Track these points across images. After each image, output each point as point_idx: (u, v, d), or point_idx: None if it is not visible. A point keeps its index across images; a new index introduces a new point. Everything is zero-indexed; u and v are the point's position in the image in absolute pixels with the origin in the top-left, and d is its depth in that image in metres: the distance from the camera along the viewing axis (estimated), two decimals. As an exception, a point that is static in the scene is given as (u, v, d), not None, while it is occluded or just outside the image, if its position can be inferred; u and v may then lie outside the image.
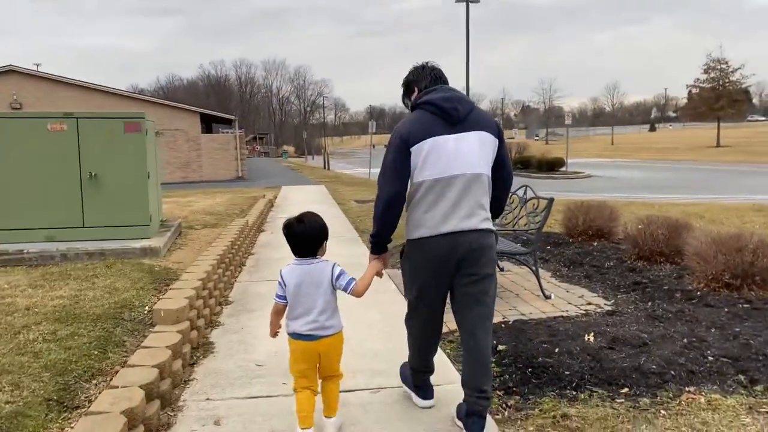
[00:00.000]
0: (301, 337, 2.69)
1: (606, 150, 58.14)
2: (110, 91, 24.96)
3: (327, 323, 2.69)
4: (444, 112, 2.76)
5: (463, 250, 2.71)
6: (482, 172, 2.78)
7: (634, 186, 22.69)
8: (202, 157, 26.29)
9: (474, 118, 2.81)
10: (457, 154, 2.73)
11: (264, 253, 8.03)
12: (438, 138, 2.73)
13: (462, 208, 2.73)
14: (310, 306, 2.68)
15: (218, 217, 10.45)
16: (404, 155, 2.76)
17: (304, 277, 2.71)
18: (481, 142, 2.78)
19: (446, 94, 2.81)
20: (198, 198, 16.00)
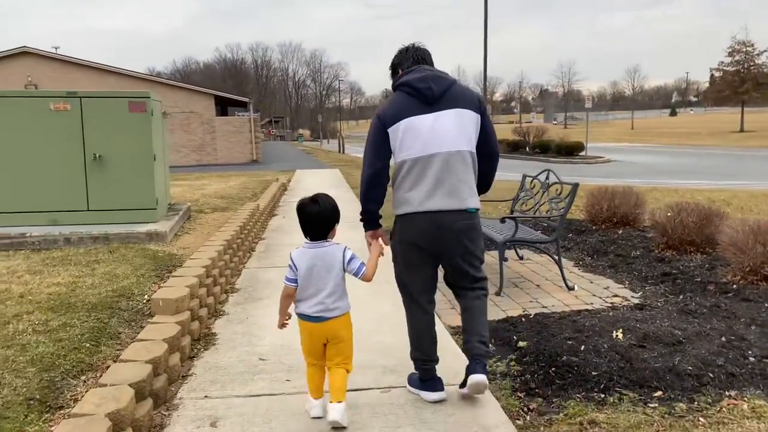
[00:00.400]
0: (309, 318, 2.69)
1: (626, 134, 57.11)
2: (124, 73, 24.80)
3: (333, 305, 2.68)
4: (419, 92, 2.80)
5: (447, 229, 2.77)
6: (462, 149, 2.80)
7: (655, 171, 22.13)
8: (217, 140, 26.12)
9: (452, 96, 2.82)
10: (433, 132, 2.76)
11: (275, 237, 7.80)
12: (413, 118, 2.78)
13: (444, 186, 2.76)
14: (320, 288, 2.67)
15: (229, 201, 10.24)
16: (382, 136, 2.83)
17: (316, 260, 2.69)
18: (459, 120, 2.80)
19: (421, 74, 2.83)
20: (211, 181, 15.83)
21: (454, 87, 2.85)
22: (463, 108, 2.82)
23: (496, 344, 3.79)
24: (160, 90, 24.78)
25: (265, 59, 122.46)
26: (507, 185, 14.26)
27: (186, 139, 25.66)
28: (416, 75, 2.85)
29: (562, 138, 30.25)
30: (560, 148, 29.41)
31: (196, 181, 15.64)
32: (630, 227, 6.80)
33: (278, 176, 17.29)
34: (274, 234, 8.08)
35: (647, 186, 15.05)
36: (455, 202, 2.78)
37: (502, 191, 12.91)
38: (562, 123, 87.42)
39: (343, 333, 2.72)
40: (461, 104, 2.83)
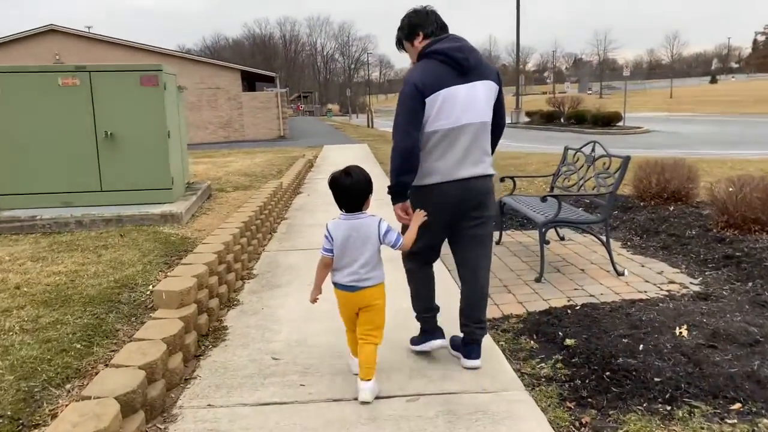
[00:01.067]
0: (344, 287, 2.74)
1: (664, 103, 55.07)
2: (151, 49, 24.56)
3: (367, 275, 2.70)
4: (456, 62, 2.78)
5: (473, 195, 2.85)
6: (488, 120, 2.89)
7: (697, 141, 21.09)
8: (244, 116, 25.81)
9: (480, 68, 2.85)
10: (468, 103, 2.79)
11: (298, 217, 7.42)
12: (451, 89, 2.77)
13: (472, 154, 2.84)
14: (354, 258, 2.70)
15: (253, 179, 9.89)
16: (420, 105, 2.76)
17: (351, 231, 2.70)
18: (487, 91, 2.86)
19: (457, 44, 2.81)
20: (237, 158, 15.54)
21: (481, 58, 2.88)
22: (488, 80, 2.87)
23: (539, 341, 3.33)
24: (186, 66, 24.58)
25: (293, 34, 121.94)
26: (542, 158, 13.58)
27: (213, 116, 25.42)
28: (452, 44, 2.81)
29: (598, 108, 29.10)
30: (597, 118, 28.32)
31: (221, 159, 15.37)
32: (682, 203, 6.20)
33: (305, 152, 16.91)
34: (297, 213, 7.70)
35: (692, 157, 14.23)
36: (480, 169, 2.87)
37: (537, 165, 12.30)
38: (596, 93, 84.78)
39: (375, 302, 2.74)
40: (487, 76, 2.87)
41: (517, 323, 3.61)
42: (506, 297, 4.12)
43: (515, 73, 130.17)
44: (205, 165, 12.79)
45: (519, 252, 5.33)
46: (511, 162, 12.88)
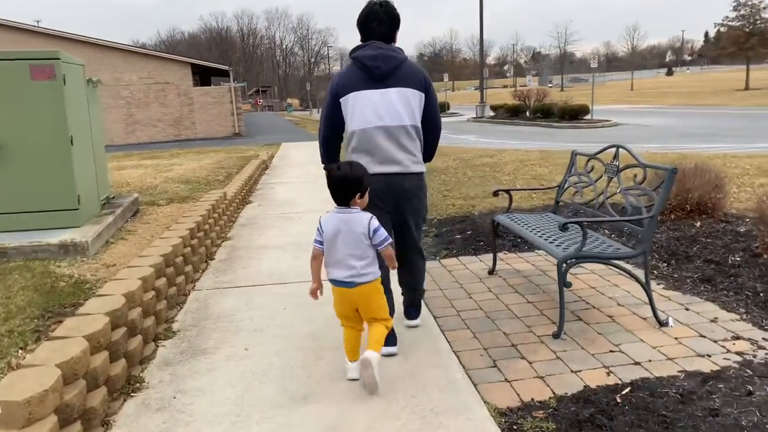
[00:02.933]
0: (340, 284, 2.74)
1: (626, 96, 55.14)
2: (87, 41, 22.64)
3: (363, 270, 2.71)
4: (368, 69, 3.01)
5: (396, 189, 3.08)
6: (405, 123, 3.05)
7: (670, 134, 20.48)
8: (195, 113, 24.17)
9: (400, 74, 3.04)
10: (379, 107, 3.01)
11: (243, 237, 6.15)
12: (362, 92, 3.02)
13: (390, 153, 3.04)
14: (348, 253, 2.70)
15: (194, 187, 8.55)
16: (335, 105, 3.11)
17: (341, 225, 2.71)
18: (403, 97, 3.03)
19: (374, 52, 3.01)
20: (185, 159, 14.11)
21: (403, 66, 3.05)
22: (408, 87, 3.04)
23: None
24: (131, 59, 22.83)
25: (251, 27, 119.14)
26: (516, 155, 12.39)
27: (162, 113, 23.73)
28: (369, 52, 3.01)
29: (565, 101, 28.40)
30: (564, 112, 27.63)
31: (166, 160, 13.91)
32: (708, 217, 5.17)
33: (260, 152, 15.55)
34: (243, 232, 6.43)
35: (671, 152, 13.44)
36: (398, 168, 3.05)
37: (514, 165, 11.12)
38: (557, 86, 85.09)
39: (373, 298, 2.76)
40: (407, 84, 3.04)
41: (544, 420, 2.46)
42: (518, 366, 2.98)
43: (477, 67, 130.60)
44: (144, 170, 11.36)
45: (520, 286, 4.20)
46: (485, 161, 11.81)
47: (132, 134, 23.57)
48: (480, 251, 5.12)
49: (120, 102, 23.18)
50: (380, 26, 3.06)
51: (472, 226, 5.72)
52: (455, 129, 29.03)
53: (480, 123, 33.03)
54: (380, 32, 3.08)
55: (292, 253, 5.41)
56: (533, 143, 19.45)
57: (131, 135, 23.58)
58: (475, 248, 5.19)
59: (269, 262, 5.13)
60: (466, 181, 9.23)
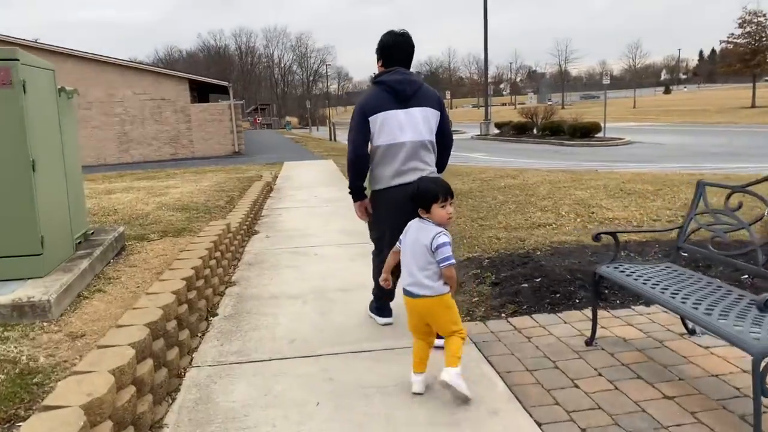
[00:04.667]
0: (405, 293, 2.82)
1: (629, 113, 54.42)
2: (81, 56, 21.63)
3: (425, 282, 2.73)
4: (396, 92, 3.43)
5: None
6: (425, 139, 3.46)
7: (691, 153, 19.52)
8: (193, 131, 23.07)
9: (420, 96, 3.47)
10: (404, 125, 3.42)
11: (252, 281, 5.02)
12: (389, 112, 3.42)
13: (410, 166, 3.42)
14: (413, 262, 2.78)
15: (192, 215, 7.43)
16: (364, 123, 3.47)
17: (418, 233, 2.81)
18: (424, 115, 3.46)
19: (399, 77, 3.44)
20: (181, 181, 13.00)
21: (422, 88, 3.50)
22: (427, 107, 3.47)
23: None
24: (127, 75, 21.83)
25: (250, 45, 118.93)
26: (543, 177, 11.00)
27: (158, 130, 22.64)
28: (396, 77, 3.44)
29: (575, 118, 27.46)
30: (575, 129, 26.70)
31: (161, 182, 12.80)
32: None
33: (262, 172, 14.45)
34: (250, 273, 5.30)
35: (706, 172, 12.41)
36: (418, 175, 3.32)
37: (546, 187, 9.80)
38: (557, 104, 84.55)
39: (439, 313, 2.76)
40: (427, 104, 3.48)
41: None
42: None
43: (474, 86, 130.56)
44: (136, 193, 10.23)
45: (639, 366, 3.07)
46: (510, 183, 10.72)
47: (126, 153, 22.46)
48: (559, 307, 4.00)
49: (113, 119, 22.10)
50: (402, 54, 3.52)
51: (538, 269, 4.61)
52: (461, 147, 28.04)
53: (485, 141, 32.09)
54: (401, 59, 3.52)
55: (315, 305, 4.29)
56: (549, 162, 18.45)
57: (125, 154, 22.47)
58: (551, 302, 4.08)
59: (287, 320, 4.00)
60: (499, 207, 8.14)
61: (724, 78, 55.43)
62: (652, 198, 8.37)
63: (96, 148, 22.04)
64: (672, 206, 7.57)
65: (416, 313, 2.80)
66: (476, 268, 4.93)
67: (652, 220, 6.75)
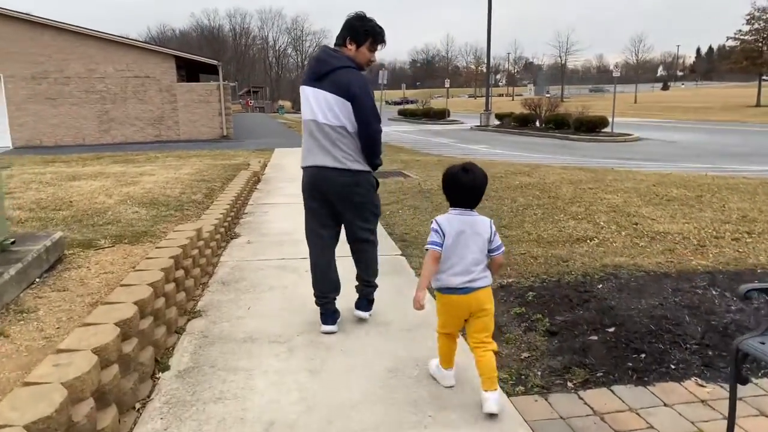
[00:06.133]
0: (455, 291, 2.56)
1: (630, 109, 53.23)
2: (56, 26, 19.99)
3: (481, 275, 2.57)
4: (310, 68, 3.40)
5: (327, 184, 3.31)
6: (330, 123, 3.27)
7: (706, 153, 18.43)
8: (179, 112, 21.65)
9: (329, 80, 3.27)
10: (311, 102, 3.32)
11: (222, 310, 3.84)
12: (304, 87, 3.38)
13: (321, 145, 3.30)
14: (463, 256, 2.56)
15: (159, 213, 6.21)
16: None
17: (465, 227, 2.59)
18: (333, 101, 3.26)
19: (318, 54, 3.41)
20: (160, 166, 11.75)
21: (337, 72, 3.26)
22: (335, 94, 3.25)
23: None
24: (107, 49, 20.40)
25: (244, 26, 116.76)
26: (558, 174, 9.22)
27: (141, 110, 21.20)
28: (316, 53, 3.43)
29: (581, 112, 26.27)
30: (580, 123, 25.52)
31: (137, 167, 11.54)
32: None
33: (250, 159, 13.21)
34: (222, 298, 4.10)
35: (731, 174, 11.31)
36: (331, 162, 3.27)
37: (568, 189, 8.03)
38: (555, 96, 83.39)
39: (488, 305, 2.60)
40: (332, 89, 3.26)
41: None
42: None
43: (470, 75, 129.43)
44: (104, 181, 8.98)
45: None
46: (525, 181, 9.55)
47: (106, 133, 21.04)
48: (648, 375, 2.85)
49: (93, 96, 20.64)
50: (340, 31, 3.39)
51: (607, 313, 3.44)
52: (461, 138, 26.84)
53: (486, 132, 30.86)
54: (338, 40, 3.40)
55: (305, 354, 3.14)
56: (557, 157, 17.30)
57: (105, 134, 21.05)
58: (635, 368, 2.92)
59: (264, 384, 2.83)
60: (523, 213, 6.99)
61: (721, 76, 54.73)
62: (698, 207, 7.25)
63: (74, 127, 20.64)
64: (728, 219, 6.44)
65: (466, 308, 2.59)
66: (518, 304, 3.77)
67: (713, 236, 5.61)
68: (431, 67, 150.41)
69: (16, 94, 20.02)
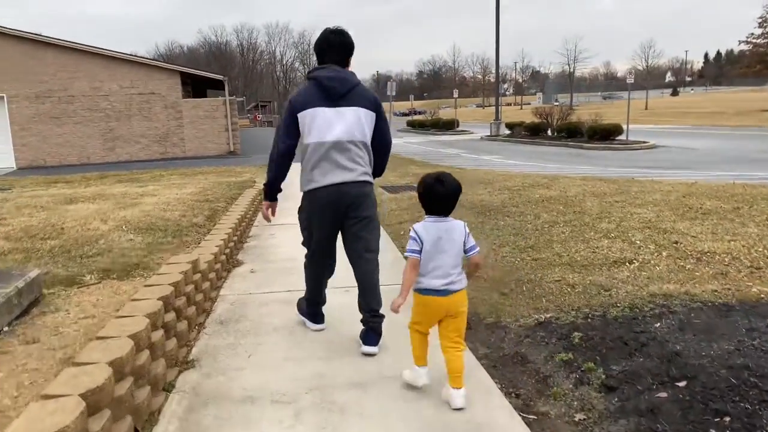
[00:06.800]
0: (436, 292, 2.72)
1: (641, 115, 52.51)
2: (59, 44, 19.82)
3: (458, 278, 2.74)
4: (325, 89, 3.28)
5: (346, 198, 3.29)
6: (355, 139, 3.28)
7: (729, 159, 17.80)
8: (185, 128, 21.29)
9: (354, 96, 3.31)
10: (333, 123, 3.25)
11: (218, 362, 3.33)
12: (318, 109, 3.26)
13: (341, 164, 3.26)
14: (443, 261, 2.72)
15: (156, 240, 5.73)
16: (293, 119, 3.32)
17: (441, 233, 2.75)
18: (356, 115, 3.29)
19: (330, 74, 3.30)
20: (164, 185, 11.31)
21: (357, 88, 3.34)
22: (360, 107, 3.30)
23: None
24: (111, 66, 20.13)
25: (251, 42, 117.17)
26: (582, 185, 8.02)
27: (146, 127, 20.87)
28: (326, 73, 3.30)
29: (594, 120, 25.69)
30: (594, 131, 24.95)
31: (140, 187, 11.10)
32: None
33: (257, 176, 12.76)
34: (219, 342, 3.59)
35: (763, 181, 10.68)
36: (351, 176, 3.27)
37: (593, 203, 7.09)
38: (564, 104, 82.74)
39: (463, 308, 2.77)
40: (361, 104, 3.31)
41: None
42: None
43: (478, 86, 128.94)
44: (102, 203, 8.53)
45: None
46: (544, 195, 8.99)
47: (111, 152, 20.72)
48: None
49: (98, 114, 20.35)
50: (335, 51, 3.37)
51: (673, 361, 2.89)
52: (472, 148, 26.33)
53: (497, 142, 30.33)
54: (334, 58, 3.36)
55: (318, 419, 2.62)
56: (574, 167, 16.73)
57: (110, 153, 20.72)
58: (720, 436, 2.37)
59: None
60: (549, 231, 6.43)
61: (731, 80, 53.93)
62: (738, 221, 6.65)
63: (78, 147, 20.33)
64: (778, 235, 5.86)
65: (441, 310, 2.75)
66: (563, 348, 3.22)
67: (767, 256, 5.04)
68: (438, 78, 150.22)
69: (20, 114, 19.77)
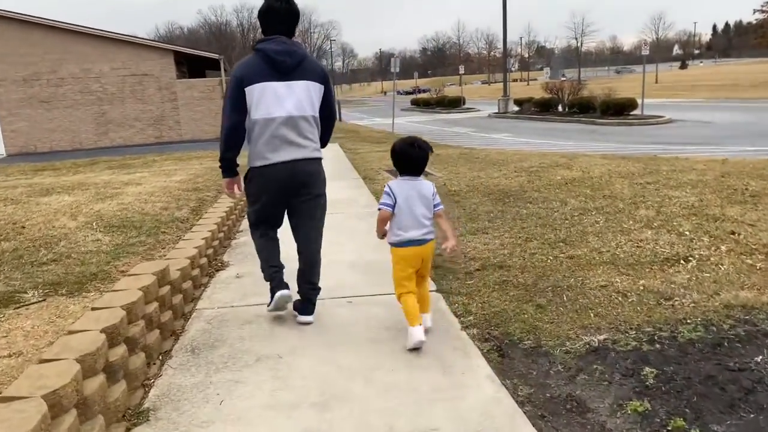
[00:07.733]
0: (417, 242, 3.00)
1: (652, 89, 51.05)
2: (47, 24, 18.84)
3: (430, 228, 3.05)
4: (274, 63, 3.15)
5: (300, 176, 3.26)
6: (307, 114, 3.25)
7: (749, 133, 16.88)
8: (180, 111, 20.42)
9: (303, 68, 3.22)
10: (284, 98, 3.16)
11: (181, 411, 2.55)
12: (267, 83, 3.14)
13: (292, 141, 3.21)
14: (419, 214, 3.01)
15: (127, 239, 4.94)
16: (239, 93, 3.16)
17: (412, 191, 3.03)
18: (306, 89, 3.22)
19: (279, 47, 3.15)
20: (152, 172, 10.53)
21: (306, 60, 3.24)
22: (309, 80, 3.23)
23: None
24: (101, 46, 19.19)
25: (251, 21, 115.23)
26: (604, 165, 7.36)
27: (139, 110, 20.02)
28: (274, 46, 3.14)
29: (608, 94, 24.64)
30: (607, 106, 23.93)
31: (127, 174, 10.31)
32: None
33: (254, 160, 11.93)
34: (186, 381, 2.82)
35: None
36: (301, 153, 3.24)
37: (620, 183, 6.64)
38: (571, 79, 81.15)
39: (432, 254, 3.17)
40: (309, 77, 3.24)
41: None
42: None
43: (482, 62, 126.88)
44: (80, 194, 7.73)
45: None
46: (565, 176, 8.15)
47: (105, 136, 19.90)
48: None
49: (89, 98, 19.49)
50: (279, 21, 3.20)
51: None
52: (481, 126, 25.37)
53: (506, 119, 29.34)
54: (280, 28, 3.21)
55: None
56: (590, 145, 15.84)
57: (104, 137, 19.91)
58: None
59: None
60: (579, 220, 5.61)
61: (740, 52, 52.38)
62: (797, 204, 5.82)
63: (70, 131, 19.53)
64: None
65: (420, 257, 3.03)
66: (632, 390, 2.42)
67: None
68: (442, 55, 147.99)
69: (8, 99, 18.95)
